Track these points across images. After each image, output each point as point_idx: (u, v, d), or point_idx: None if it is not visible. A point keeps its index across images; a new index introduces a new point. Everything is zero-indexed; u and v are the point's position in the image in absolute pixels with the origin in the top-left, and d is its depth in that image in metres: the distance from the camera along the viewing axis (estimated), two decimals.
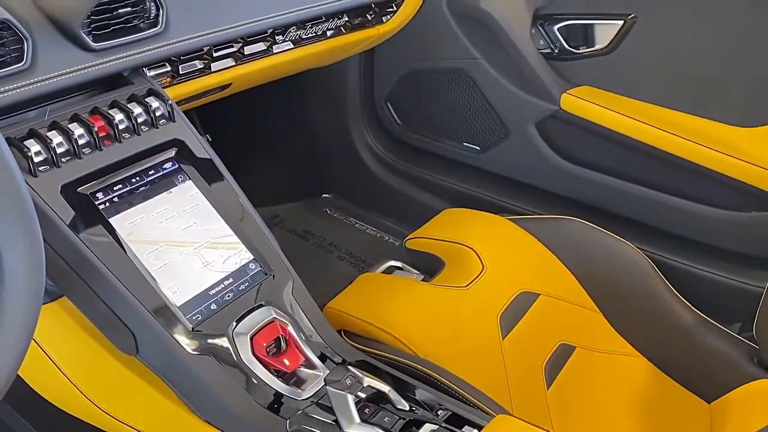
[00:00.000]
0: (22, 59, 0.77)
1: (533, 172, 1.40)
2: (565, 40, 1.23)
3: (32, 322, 0.55)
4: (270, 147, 1.82)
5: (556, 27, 1.23)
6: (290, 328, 0.81)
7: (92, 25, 0.84)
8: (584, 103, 1.23)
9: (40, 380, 0.86)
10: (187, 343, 0.75)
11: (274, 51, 1.18)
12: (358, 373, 0.73)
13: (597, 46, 1.21)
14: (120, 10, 0.86)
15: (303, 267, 0.95)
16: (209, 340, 0.77)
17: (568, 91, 1.26)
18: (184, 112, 0.99)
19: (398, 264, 1.25)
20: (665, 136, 1.12)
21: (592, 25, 1.21)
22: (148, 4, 0.90)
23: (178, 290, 0.78)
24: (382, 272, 1.24)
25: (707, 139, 1.11)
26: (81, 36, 0.82)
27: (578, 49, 1.21)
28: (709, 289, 1.24)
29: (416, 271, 1.23)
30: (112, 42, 0.86)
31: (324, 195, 1.82)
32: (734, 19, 1.14)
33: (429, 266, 1.20)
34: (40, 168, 0.76)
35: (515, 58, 1.28)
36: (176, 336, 0.75)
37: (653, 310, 1.20)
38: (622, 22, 1.18)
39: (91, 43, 0.83)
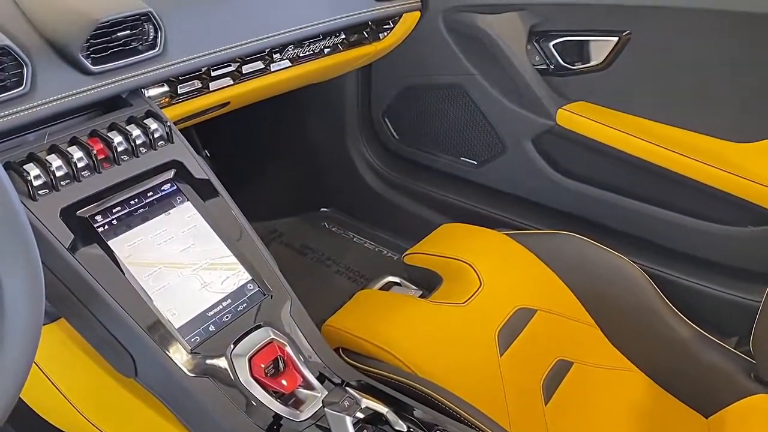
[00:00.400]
0: (22, 84, 0.77)
1: (530, 186, 1.40)
2: (560, 57, 1.24)
3: (32, 348, 0.56)
4: (268, 161, 1.83)
5: (552, 43, 1.23)
6: (288, 349, 0.81)
7: (91, 49, 0.85)
8: (580, 118, 1.24)
9: (39, 401, 0.87)
10: (185, 366, 0.75)
11: (272, 69, 1.19)
12: (356, 395, 0.74)
13: (592, 63, 1.22)
14: (119, 33, 0.87)
15: (301, 282, 0.96)
16: (208, 362, 0.77)
17: (563, 107, 1.27)
18: (183, 127, 0.99)
19: (396, 279, 1.26)
20: (661, 151, 1.13)
21: (587, 41, 1.22)
22: (146, 26, 0.90)
23: (176, 312, 0.78)
24: (381, 288, 1.25)
25: (703, 155, 1.12)
26: (80, 59, 0.83)
27: (574, 65, 1.22)
28: (706, 304, 1.24)
29: (414, 287, 1.24)
30: (111, 65, 0.86)
31: (322, 209, 1.82)
32: (729, 36, 1.14)
33: (427, 282, 1.21)
34: (40, 192, 0.76)
35: (511, 74, 1.29)
36: (175, 358, 0.75)
37: (650, 324, 1.20)
38: (617, 39, 1.20)
39: (90, 66, 0.84)
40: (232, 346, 0.78)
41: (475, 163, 1.47)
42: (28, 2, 0.85)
